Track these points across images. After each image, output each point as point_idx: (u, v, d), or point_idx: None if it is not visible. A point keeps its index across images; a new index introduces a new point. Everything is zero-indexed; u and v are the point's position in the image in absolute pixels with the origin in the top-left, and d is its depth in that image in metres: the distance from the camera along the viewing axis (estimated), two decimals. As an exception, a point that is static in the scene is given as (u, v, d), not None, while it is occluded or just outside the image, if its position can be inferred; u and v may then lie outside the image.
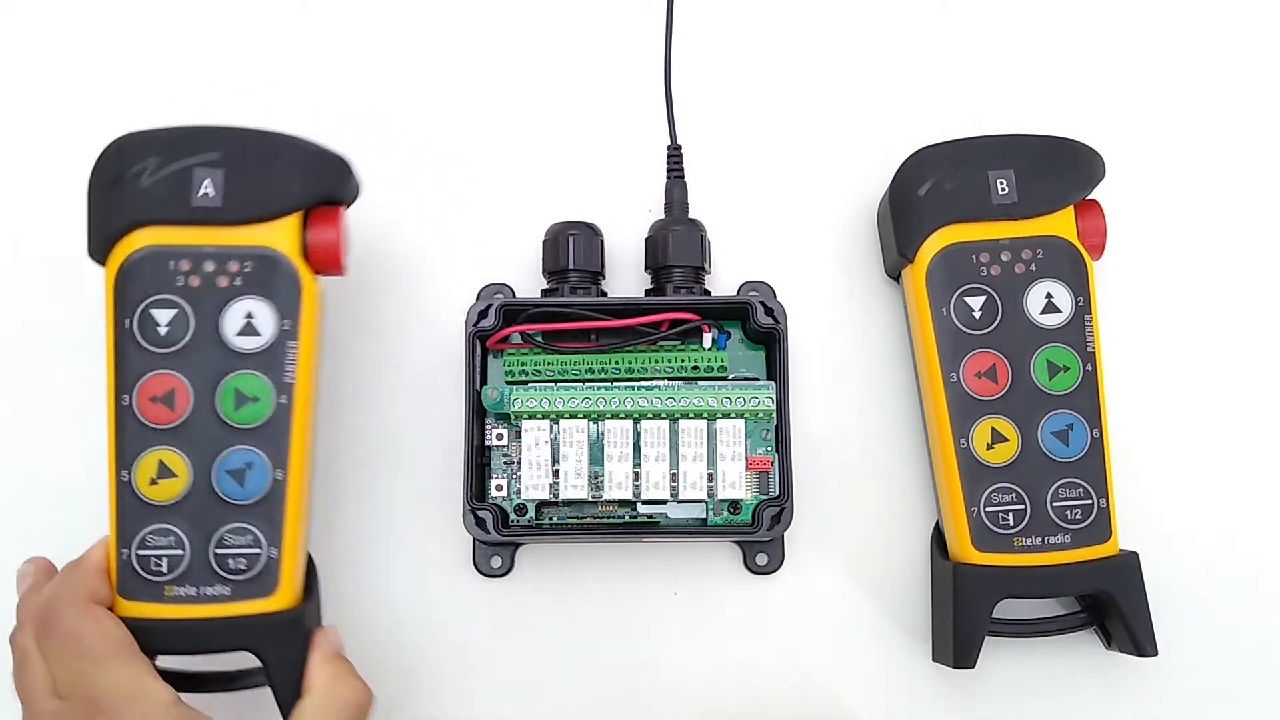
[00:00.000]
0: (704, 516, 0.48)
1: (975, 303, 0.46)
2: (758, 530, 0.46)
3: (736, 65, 0.53)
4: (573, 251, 0.48)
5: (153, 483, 0.41)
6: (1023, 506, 0.45)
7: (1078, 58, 0.53)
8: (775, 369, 0.47)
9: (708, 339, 0.48)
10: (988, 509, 0.45)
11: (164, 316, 0.42)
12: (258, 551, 0.41)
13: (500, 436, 0.47)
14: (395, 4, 0.53)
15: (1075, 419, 0.45)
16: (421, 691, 0.48)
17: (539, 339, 0.48)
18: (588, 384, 0.47)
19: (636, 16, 0.53)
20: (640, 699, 0.48)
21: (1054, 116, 0.51)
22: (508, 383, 0.48)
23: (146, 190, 0.42)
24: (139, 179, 0.42)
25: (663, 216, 0.50)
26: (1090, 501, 0.45)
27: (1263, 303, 0.51)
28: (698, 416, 0.47)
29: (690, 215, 0.50)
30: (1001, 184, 0.46)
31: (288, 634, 0.41)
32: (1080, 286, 0.46)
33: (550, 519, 0.48)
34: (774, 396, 0.46)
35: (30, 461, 0.49)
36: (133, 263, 0.42)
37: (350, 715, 0.40)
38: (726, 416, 0.47)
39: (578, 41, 0.53)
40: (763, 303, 0.47)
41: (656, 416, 0.47)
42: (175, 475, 0.41)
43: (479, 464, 0.47)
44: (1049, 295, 0.46)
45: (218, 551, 0.41)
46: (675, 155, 0.51)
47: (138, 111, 0.51)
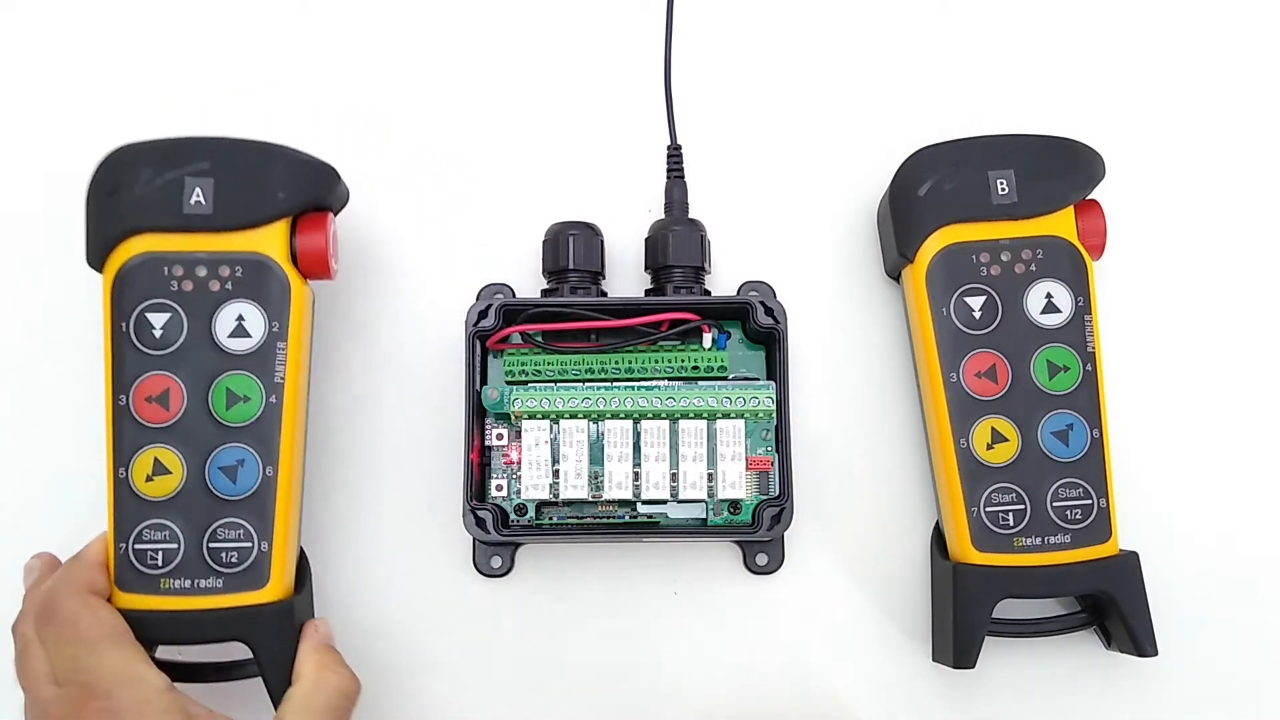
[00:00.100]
0: (704, 516, 0.48)
1: (975, 303, 0.46)
2: (758, 530, 0.46)
3: (736, 65, 0.53)
4: (573, 251, 0.48)
5: (148, 479, 0.42)
6: (1023, 506, 0.45)
7: (1078, 58, 0.53)
8: (775, 369, 0.47)
9: (708, 339, 0.48)
10: (988, 509, 0.45)
11: (159, 320, 0.43)
12: (249, 545, 0.42)
13: (500, 436, 0.47)
14: (395, 5, 0.54)
15: (1075, 419, 0.45)
16: (421, 691, 0.48)
17: (539, 339, 0.48)
18: (588, 384, 0.47)
19: (636, 16, 0.53)
20: (640, 699, 0.48)
21: (1054, 116, 0.51)
22: (508, 383, 0.48)
23: (141, 199, 0.43)
24: (134, 189, 0.43)
25: (663, 216, 0.50)
26: (1090, 501, 0.45)
27: (1262, 303, 0.51)
28: (698, 416, 0.47)
29: (690, 215, 0.50)
30: (1001, 184, 0.46)
31: (278, 625, 0.42)
32: (1080, 286, 0.46)
33: (550, 519, 0.48)
34: (774, 396, 0.46)
35: (32, 460, 0.49)
36: (128, 269, 0.43)
37: (337, 703, 0.41)
38: (726, 416, 0.47)
39: (578, 42, 0.53)
40: (763, 303, 0.47)
41: (656, 416, 0.47)
42: (170, 472, 0.42)
43: (479, 464, 0.47)
44: (1049, 295, 0.46)
45: (211, 545, 0.42)
46: (675, 155, 0.51)
47: (138, 113, 0.52)
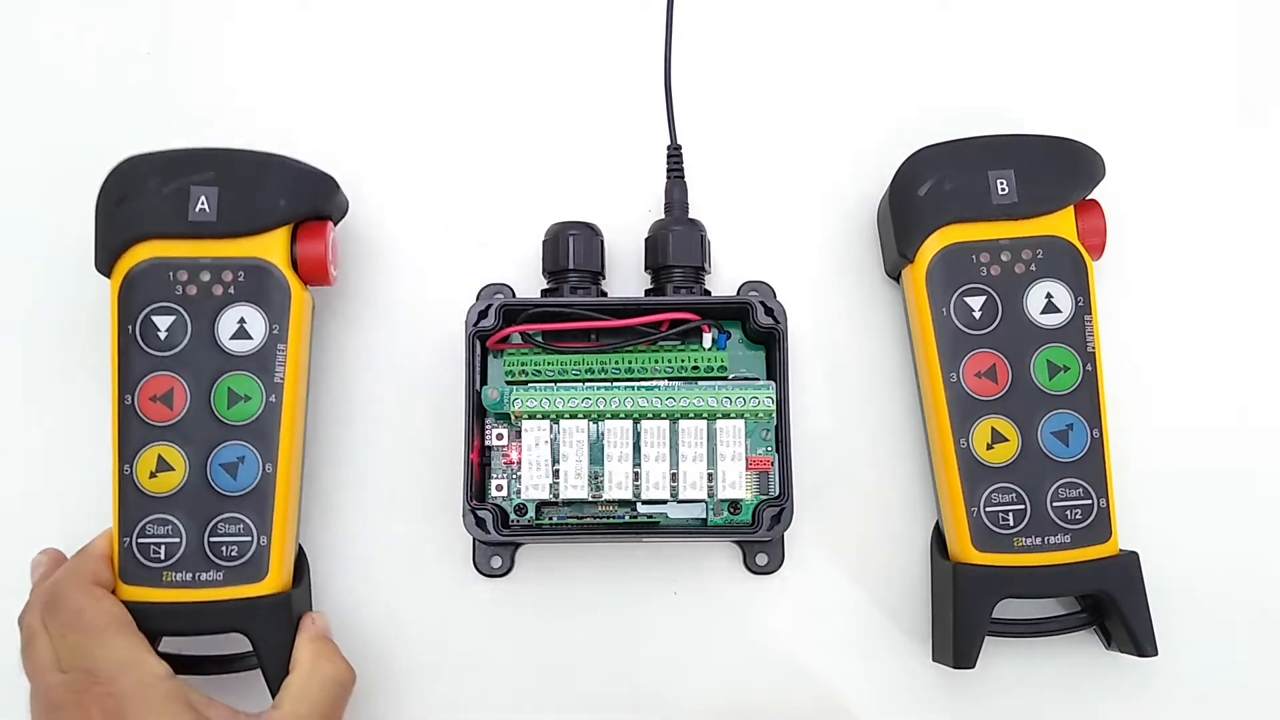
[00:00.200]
0: (704, 516, 0.48)
1: (975, 303, 0.46)
2: (758, 530, 0.46)
3: (736, 65, 0.53)
4: (573, 251, 0.48)
5: (152, 476, 0.44)
6: (1023, 506, 0.45)
7: (1078, 58, 0.53)
8: (775, 369, 0.47)
9: (708, 339, 0.48)
10: (988, 509, 0.45)
11: (164, 322, 0.45)
12: (249, 539, 0.44)
13: (500, 436, 0.47)
14: (396, 5, 0.54)
15: (1075, 419, 0.45)
16: (422, 691, 0.48)
17: (539, 339, 0.48)
18: (588, 384, 0.47)
19: (636, 16, 0.53)
20: (640, 699, 0.48)
21: (1054, 116, 0.51)
22: (508, 383, 0.48)
23: (148, 208, 0.45)
24: (141, 198, 0.45)
25: (663, 216, 0.50)
26: (1090, 501, 0.45)
27: (1262, 302, 0.51)
28: (698, 416, 0.47)
29: (690, 215, 0.50)
30: (1001, 184, 0.46)
31: (276, 616, 0.44)
32: (1080, 286, 0.46)
33: (550, 519, 0.48)
34: (774, 396, 0.46)
35: (40, 457, 0.49)
36: (135, 274, 0.45)
37: (332, 691, 0.43)
38: (726, 416, 0.47)
39: (578, 42, 0.53)
40: (763, 303, 0.47)
41: (656, 416, 0.47)
42: (173, 469, 0.44)
43: (479, 464, 0.47)
44: (1049, 295, 0.46)
45: (212, 539, 0.44)
46: (675, 155, 0.51)
47: (144, 119, 0.52)
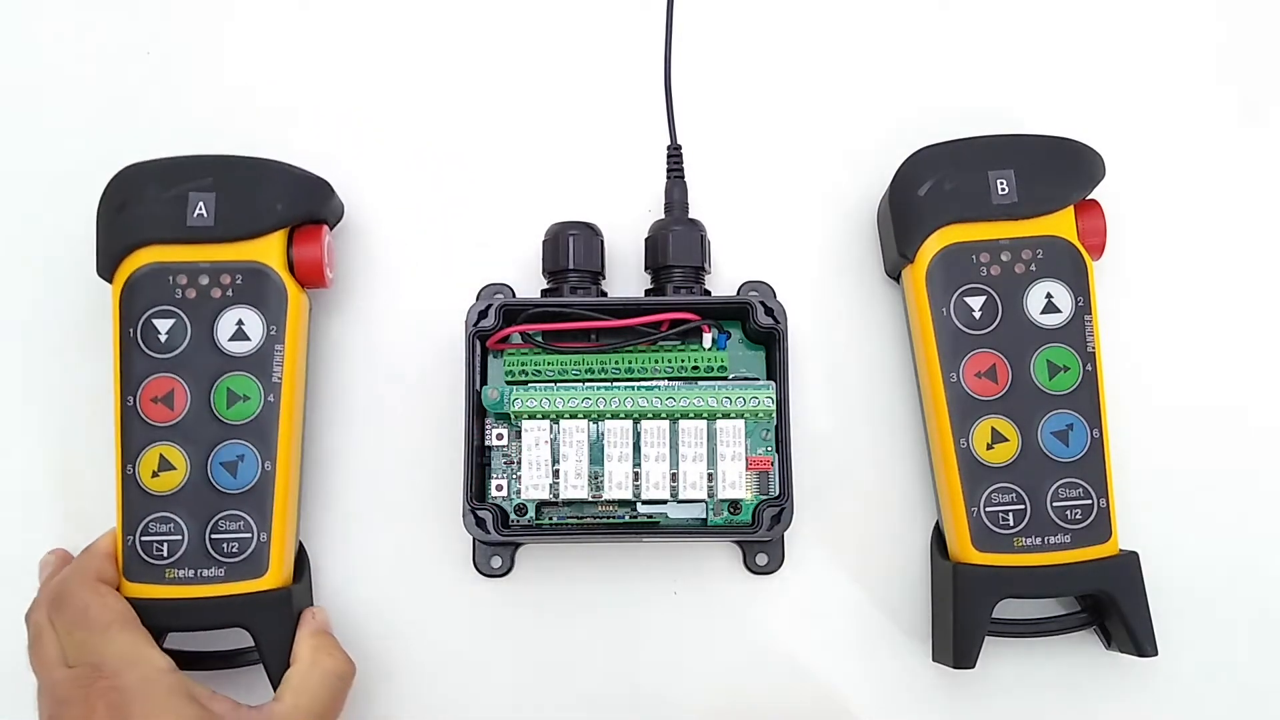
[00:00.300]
0: (704, 516, 0.48)
1: (975, 303, 0.46)
2: (758, 530, 0.46)
3: (736, 65, 0.53)
4: (573, 251, 0.48)
5: (154, 475, 0.45)
6: (1023, 506, 0.45)
7: (1078, 58, 0.53)
8: (775, 369, 0.47)
9: (708, 339, 0.48)
10: (988, 509, 0.45)
11: (164, 325, 0.46)
12: (249, 536, 0.45)
13: (500, 436, 0.47)
14: (396, 4, 0.54)
15: (1075, 419, 0.45)
16: (421, 691, 0.48)
17: (539, 339, 0.48)
18: (588, 384, 0.47)
19: (636, 16, 0.53)
20: (640, 699, 0.48)
21: (1054, 116, 0.51)
22: (508, 383, 0.48)
23: (147, 214, 0.46)
24: (141, 204, 0.46)
25: (663, 216, 0.50)
26: (1090, 501, 0.45)
27: (1262, 302, 0.51)
28: (698, 416, 0.47)
29: (690, 215, 0.50)
30: (1001, 184, 0.46)
31: (277, 611, 0.45)
32: (1080, 286, 0.46)
33: (550, 519, 0.48)
34: (774, 396, 0.46)
35: (44, 458, 0.50)
36: (136, 278, 0.46)
37: (332, 684, 0.43)
38: (726, 416, 0.47)
39: (578, 42, 0.53)
40: (763, 303, 0.47)
41: (656, 416, 0.47)
42: (174, 468, 0.45)
43: (479, 464, 0.47)
44: (1049, 295, 0.46)
45: (213, 536, 0.45)
46: (675, 155, 0.51)
47: (144, 124, 0.52)
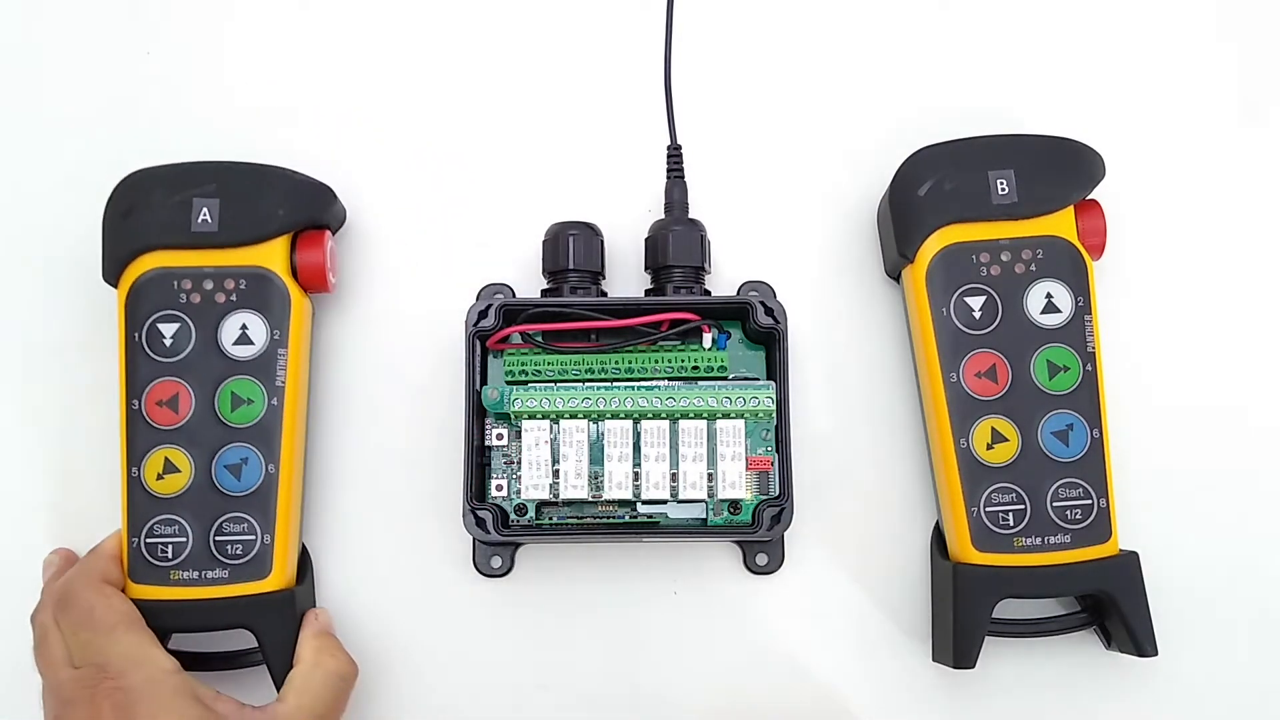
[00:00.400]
0: (704, 516, 0.48)
1: (975, 303, 0.46)
2: (758, 530, 0.46)
3: (736, 65, 0.53)
4: (573, 251, 0.48)
5: (159, 478, 0.45)
6: (1023, 506, 0.45)
7: (1078, 58, 0.53)
8: (775, 369, 0.47)
9: (708, 339, 0.48)
10: (988, 509, 0.45)
11: (168, 330, 0.46)
12: (253, 538, 0.45)
13: (500, 436, 0.47)
14: (396, 6, 0.54)
15: (1075, 419, 0.45)
16: (422, 691, 0.48)
17: (539, 339, 0.48)
18: (588, 384, 0.47)
19: (636, 16, 0.53)
20: (640, 699, 0.48)
21: (1054, 116, 0.51)
22: (508, 383, 0.48)
23: (152, 220, 0.46)
24: (146, 210, 0.46)
25: (663, 216, 0.50)
26: (1090, 501, 0.45)
27: (1262, 302, 0.51)
28: (698, 416, 0.47)
29: (690, 215, 0.50)
30: (1001, 184, 0.46)
31: (280, 612, 0.45)
32: (1080, 286, 0.46)
33: (550, 519, 0.48)
34: (774, 396, 0.46)
35: (50, 461, 0.50)
36: (141, 283, 0.46)
37: (334, 684, 0.44)
38: (726, 416, 0.47)
39: (578, 42, 0.53)
40: (763, 303, 0.47)
41: (656, 416, 0.47)
42: (179, 471, 0.45)
43: (479, 464, 0.47)
44: (1049, 295, 0.46)
45: (217, 539, 0.45)
46: (675, 155, 0.51)
47: (140, 120, 0.52)
